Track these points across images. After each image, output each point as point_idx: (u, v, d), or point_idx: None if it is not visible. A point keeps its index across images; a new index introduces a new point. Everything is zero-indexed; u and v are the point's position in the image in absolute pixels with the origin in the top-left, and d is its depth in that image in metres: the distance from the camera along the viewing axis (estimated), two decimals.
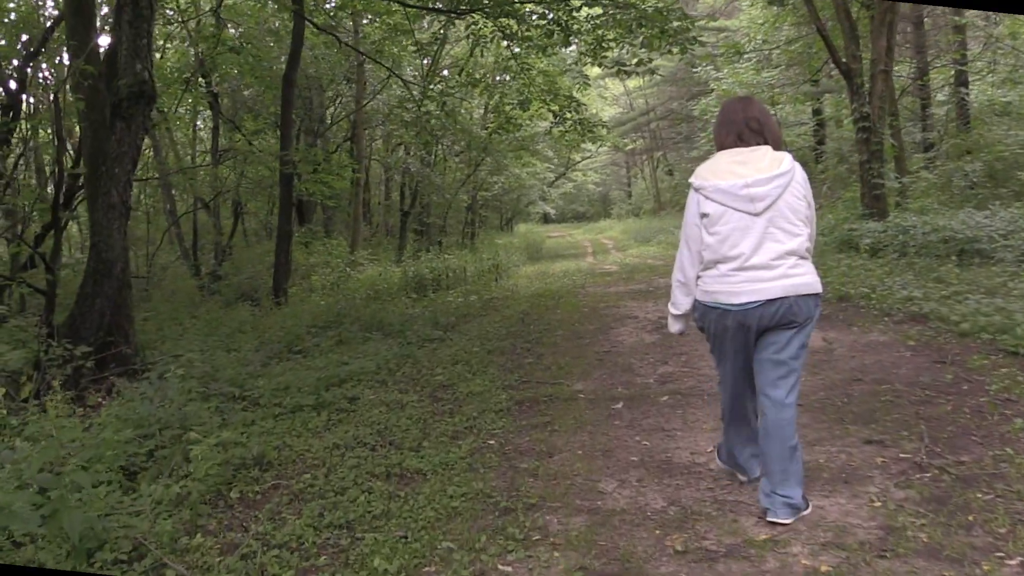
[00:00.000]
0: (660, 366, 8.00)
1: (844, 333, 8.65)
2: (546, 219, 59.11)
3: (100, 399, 7.84)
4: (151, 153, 22.28)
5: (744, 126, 3.97)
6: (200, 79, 20.32)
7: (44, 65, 11.22)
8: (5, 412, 6.04)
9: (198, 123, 23.61)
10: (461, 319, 12.36)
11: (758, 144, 3.95)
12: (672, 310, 4.29)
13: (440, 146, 28.80)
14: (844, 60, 15.55)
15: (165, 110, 18.55)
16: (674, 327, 4.38)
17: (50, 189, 13.56)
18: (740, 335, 3.96)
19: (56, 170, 8.62)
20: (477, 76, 19.41)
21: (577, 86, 19.83)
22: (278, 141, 17.22)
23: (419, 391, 7.59)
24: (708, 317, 4.04)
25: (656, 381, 7.38)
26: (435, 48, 20.67)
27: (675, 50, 13.47)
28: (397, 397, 7.32)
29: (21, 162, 10.31)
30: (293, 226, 17.37)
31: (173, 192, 21.61)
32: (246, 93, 22.16)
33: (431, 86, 18.06)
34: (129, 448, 5.58)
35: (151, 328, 11.54)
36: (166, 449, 5.77)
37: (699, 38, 14.11)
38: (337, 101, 25.02)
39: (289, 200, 17.06)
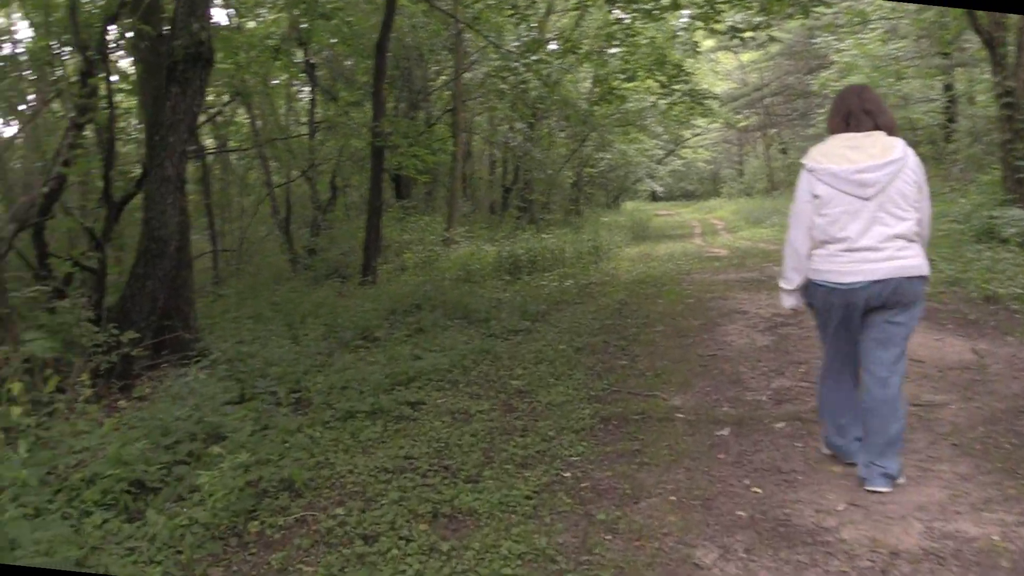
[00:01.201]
0: (775, 378, 6.79)
1: (999, 344, 7.27)
2: (654, 197, 57.25)
3: (149, 390, 7.14)
4: (248, 122, 22.02)
5: (859, 112, 4.09)
6: (296, 49, 19.91)
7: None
8: (19, 410, 5.32)
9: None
10: (553, 307, 11.33)
11: (871, 130, 4.06)
12: (784, 285, 4.45)
13: (545, 121, 27.81)
14: (986, 28, 13.73)
15: (253, 79, 18.07)
16: (787, 302, 4.50)
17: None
18: (846, 313, 4.11)
19: (108, 138, 7.94)
20: (581, 46, 18.18)
21: (687, 56, 18.42)
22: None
23: (492, 397, 6.62)
24: (816, 294, 4.24)
25: (770, 399, 6.19)
26: (534, 15, 19.55)
27: (795, 15, 12.03)
28: (465, 404, 6.36)
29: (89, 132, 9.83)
30: (383, 201, 16.65)
31: (270, 163, 21.29)
32: (347, 64, 21.56)
33: (528, 53, 16.96)
34: (142, 461, 4.77)
35: (222, 308, 10.91)
36: (187, 464, 4.97)
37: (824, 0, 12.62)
38: (438, 73, 24.18)
39: (380, 174, 16.32)
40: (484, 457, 5.12)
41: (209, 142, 20.31)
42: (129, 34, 8.44)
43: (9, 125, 14.35)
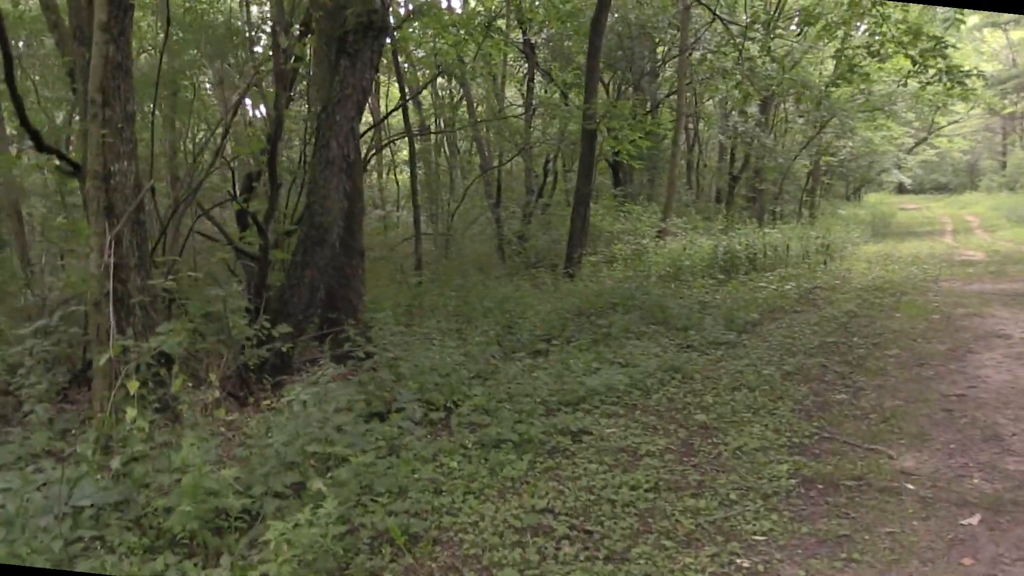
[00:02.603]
0: None
1: None
2: (900, 189, 52.50)
3: (299, 389, 6.53)
4: (463, 103, 21.71)
5: None
6: (514, 28, 19.29)
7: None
8: (134, 412, 4.76)
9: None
10: (766, 316, 9.89)
11: None
12: None
13: (782, 106, 25.69)
14: None
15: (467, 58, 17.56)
16: None
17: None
18: None
19: (275, 116, 7.42)
20: (821, 20, 16.22)
21: (947, 28, 16.01)
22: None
23: (670, 433, 5.45)
24: None
25: None
26: None
27: None
28: (635, 440, 5.24)
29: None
30: (593, 188, 15.63)
31: (485, 146, 20.88)
32: (567, 44, 20.69)
33: (759, 27, 15.30)
34: (232, 492, 4.04)
35: (406, 296, 10.34)
36: (283, 498, 4.20)
37: None
38: (665, 53, 22.77)
39: (590, 159, 15.31)
40: (639, 524, 4.00)
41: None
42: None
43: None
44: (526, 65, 20.26)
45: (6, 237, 10.84)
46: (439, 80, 20.35)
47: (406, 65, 16.20)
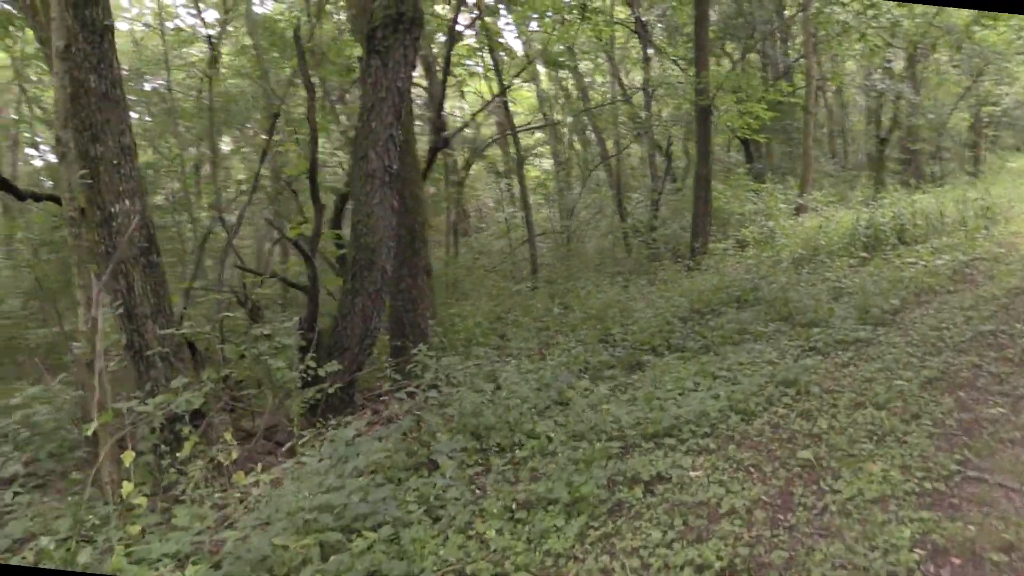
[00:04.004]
0: None
1: None
2: None
3: (357, 431, 5.79)
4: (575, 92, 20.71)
5: None
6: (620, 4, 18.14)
7: None
8: (131, 487, 4.12)
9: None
10: (910, 300, 8.47)
11: None
12: None
13: (929, 57, 23.33)
14: None
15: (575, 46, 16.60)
16: None
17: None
18: None
19: (311, 130, 6.70)
20: None
21: None
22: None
23: (766, 477, 4.36)
24: None
25: None
26: None
27: None
28: (718, 492, 4.17)
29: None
30: (711, 168, 14.27)
31: (602, 134, 19.84)
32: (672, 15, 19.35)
33: None
34: None
35: (504, 309, 9.52)
36: None
37: None
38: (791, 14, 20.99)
39: (706, 137, 14.03)
40: None
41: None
42: None
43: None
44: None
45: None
46: (546, 70, 19.50)
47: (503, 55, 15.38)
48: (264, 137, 10.39)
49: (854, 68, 25.31)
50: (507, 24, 16.93)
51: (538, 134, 22.15)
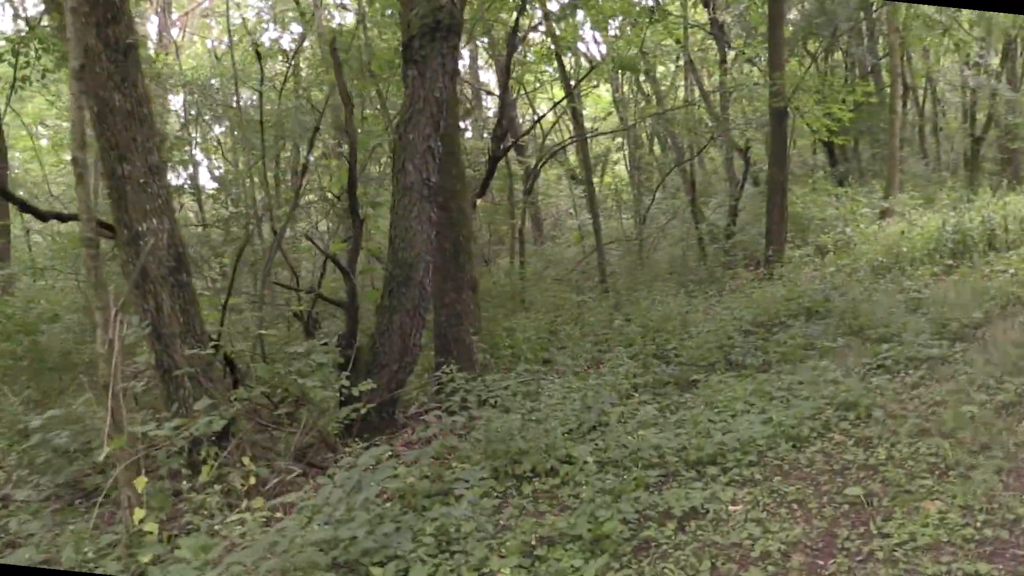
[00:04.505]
0: None
1: None
2: None
3: (392, 449, 5.62)
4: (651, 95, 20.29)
5: None
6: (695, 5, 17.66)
7: None
8: (142, 513, 4.02)
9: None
10: (994, 313, 7.86)
11: None
12: None
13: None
14: None
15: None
16: None
17: None
18: None
19: (349, 141, 6.55)
20: None
21: None
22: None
23: (810, 515, 3.99)
24: None
25: None
26: None
27: None
28: (755, 533, 3.82)
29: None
30: (789, 172, 13.73)
31: (679, 139, 19.37)
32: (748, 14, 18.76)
33: None
34: None
35: (561, 323, 9.25)
36: None
37: None
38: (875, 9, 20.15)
39: (782, 141, 13.49)
40: None
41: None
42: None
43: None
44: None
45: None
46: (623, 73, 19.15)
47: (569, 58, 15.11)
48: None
49: (946, 65, 24.20)
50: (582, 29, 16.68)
51: (617, 139, 21.80)
